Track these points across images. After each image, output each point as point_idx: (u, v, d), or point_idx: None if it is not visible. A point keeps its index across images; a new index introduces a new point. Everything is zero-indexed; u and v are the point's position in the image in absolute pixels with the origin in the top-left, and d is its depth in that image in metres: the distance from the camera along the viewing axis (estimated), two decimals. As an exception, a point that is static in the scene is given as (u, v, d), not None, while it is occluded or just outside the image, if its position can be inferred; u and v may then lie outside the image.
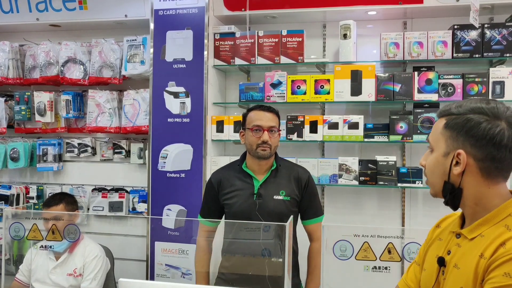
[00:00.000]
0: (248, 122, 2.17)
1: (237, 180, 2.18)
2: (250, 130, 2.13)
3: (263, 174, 2.17)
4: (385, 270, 1.69)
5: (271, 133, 2.13)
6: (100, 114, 3.25)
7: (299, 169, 2.25)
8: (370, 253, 1.67)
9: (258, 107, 2.19)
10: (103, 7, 3.18)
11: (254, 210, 2.11)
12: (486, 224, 1.12)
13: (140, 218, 3.35)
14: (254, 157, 2.15)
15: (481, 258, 1.07)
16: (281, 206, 2.12)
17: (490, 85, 2.68)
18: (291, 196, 2.14)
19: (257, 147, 2.11)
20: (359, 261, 1.69)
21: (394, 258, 1.68)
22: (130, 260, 3.28)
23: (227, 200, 2.17)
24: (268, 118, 2.14)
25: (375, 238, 1.68)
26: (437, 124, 1.21)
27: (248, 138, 2.15)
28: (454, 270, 1.14)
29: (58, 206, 2.59)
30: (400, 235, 1.77)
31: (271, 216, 2.10)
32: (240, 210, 2.13)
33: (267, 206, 2.11)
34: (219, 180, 2.21)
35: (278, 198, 2.13)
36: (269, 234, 2.11)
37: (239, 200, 2.14)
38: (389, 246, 1.68)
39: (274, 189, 2.14)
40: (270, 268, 2.03)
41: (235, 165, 2.24)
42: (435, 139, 1.20)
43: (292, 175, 2.19)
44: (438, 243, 1.27)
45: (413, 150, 3.01)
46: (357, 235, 1.69)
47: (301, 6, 2.93)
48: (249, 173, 2.17)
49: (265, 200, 2.12)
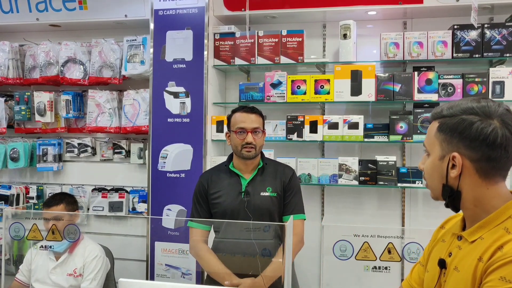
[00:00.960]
0: (233, 124, 2.21)
1: (225, 180, 2.22)
2: (235, 132, 2.18)
3: (250, 173, 2.22)
4: (385, 270, 1.69)
5: (255, 134, 2.17)
6: (100, 114, 3.25)
7: (284, 166, 2.30)
8: (370, 253, 1.67)
9: (241, 108, 2.23)
10: (103, 7, 3.18)
11: (243, 207, 2.15)
12: (486, 227, 1.11)
13: (140, 218, 3.35)
14: (240, 158, 2.19)
15: (480, 261, 1.06)
16: (267, 202, 2.17)
17: (490, 85, 2.68)
18: (277, 192, 2.19)
19: (242, 148, 2.15)
20: (359, 261, 1.69)
21: (394, 258, 1.68)
22: (130, 260, 3.28)
23: (216, 199, 2.20)
24: (252, 120, 2.17)
25: (375, 238, 1.68)
26: (430, 128, 1.20)
27: (233, 139, 2.19)
28: (454, 272, 1.13)
29: (58, 206, 2.60)
30: (400, 235, 1.77)
31: (259, 213, 2.15)
32: (230, 208, 2.16)
33: (255, 202, 2.16)
34: (207, 180, 2.25)
35: (265, 195, 2.18)
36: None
37: (228, 199, 2.18)
38: (389, 246, 1.68)
39: (261, 186, 2.19)
40: (263, 267, 2.04)
41: (222, 166, 2.28)
42: (430, 143, 1.20)
43: (278, 172, 2.24)
44: (441, 244, 1.27)
45: (413, 150, 3.01)
46: (357, 235, 1.69)
47: (301, 6, 2.93)
48: (236, 172, 2.21)
49: (253, 197, 2.16)
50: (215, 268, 2.14)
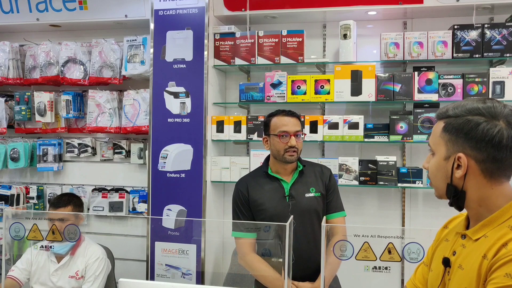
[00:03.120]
0: (273, 128, 2.18)
1: (266, 185, 2.20)
2: (277, 136, 2.15)
3: (290, 176, 2.22)
4: (385, 270, 1.69)
5: (297, 137, 2.17)
6: (100, 114, 3.25)
7: (321, 166, 2.32)
8: (370, 253, 1.67)
9: (281, 112, 2.21)
10: (103, 7, 3.18)
11: (287, 211, 2.13)
12: (490, 225, 1.12)
13: (140, 218, 3.35)
14: (281, 162, 2.17)
15: (484, 259, 1.07)
16: (313, 203, 2.18)
17: (490, 85, 2.68)
18: (321, 192, 2.21)
19: (284, 152, 2.14)
20: (359, 261, 1.69)
21: (394, 258, 1.68)
22: (130, 260, 3.28)
23: (260, 206, 2.18)
24: (293, 123, 2.17)
25: (375, 238, 1.68)
26: (436, 127, 1.20)
27: (275, 144, 2.17)
28: (458, 270, 1.13)
29: (66, 208, 2.57)
30: (400, 235, 1.77)
31: (305, 214, 2.15)
32: (276, 213, 2.14)
33: (301, 204, 2.15)
34: (247, 188, 2.22)
35: (310, 196, 2.18)
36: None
37: (273, 204, 2.16)
38: (389, 246, 1.68)
39: (304, 188, 2.19)
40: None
41: (259, 172, 2.27)
42: (435, 143, 1.19)
43: (317, 173, 2.25)
44: (444, 244, 1.27)
45: (413, 150, 3.01)
46: (357, 235, 1.69)
47: (301, 6, 2.93)
48: (277, 177, 2.20)
49: (298, 200, 2.16)
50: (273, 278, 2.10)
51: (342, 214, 2.26)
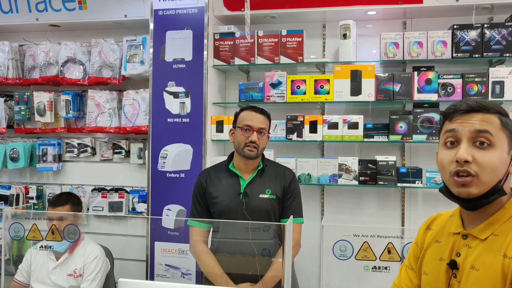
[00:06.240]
0: (239, 121, 2.20)
1: (224, 179, 2.21)
2: (240, 129, 2.16)
3: (250, 174, 2.20)
4: (385, 270, 1.69)
5: (260, 134, 2.16)
6: (100, 114, 3.26)
7: (284, 169, 2.28)
8: (370, 253, 1.67)
9: (251, 107, 2.22)
10: (103, 7, 3.18)
11: (241, 208, 2.13)
12: (496, 223, 1.11)
13: (140, 218, 3.35)
14: (241, 157, 2.17)
15: (505, 258, 1.05)
16: (266, 205, 2.15)
17: (489, 85, 2.68)
18: (276, 195, 2.17)
19: (244, 146, 2.14)
20: (359, 261, 1.69)
21: (394, 258, 1.68)
22: (130, 260, 3.28)
23: (214, 199, 2.18)
24: (259, 120, 2.17)
25: (375, 238, 1.68)
26: (489, 119, 1.10)
27: (237, 136, 2.18)
28: (472, 272, 1.10)
29: (64, 206, 2.57)
30: (400, 235, 1.78)
31: (257, 214, 2.13)
32: (227, 208, 2.15)
33: (253, 204, 2.14)
34: (206, 179, 2.23)
35: (264, 197, 2.16)
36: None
37: (226, 199, 2.16)
38: (389, 246, 1.68)
39: (260, 188, 2.17)
40: (262, 267, 2.04)
41: (222, 165, 2.27)
42: (496, 134, 1.09)
43: (278, 174, 2.23)
44: (436, 245, 1.24)
45: (413, 150, 3.01)
46: (357, 235, 1.69)
47: (301, 6, 2.93)
48: (236, 172, 2.20)
49: (251, 199, 2.15)
50: (211, 270, 2.14)
51: (298, 221, 2.21)
